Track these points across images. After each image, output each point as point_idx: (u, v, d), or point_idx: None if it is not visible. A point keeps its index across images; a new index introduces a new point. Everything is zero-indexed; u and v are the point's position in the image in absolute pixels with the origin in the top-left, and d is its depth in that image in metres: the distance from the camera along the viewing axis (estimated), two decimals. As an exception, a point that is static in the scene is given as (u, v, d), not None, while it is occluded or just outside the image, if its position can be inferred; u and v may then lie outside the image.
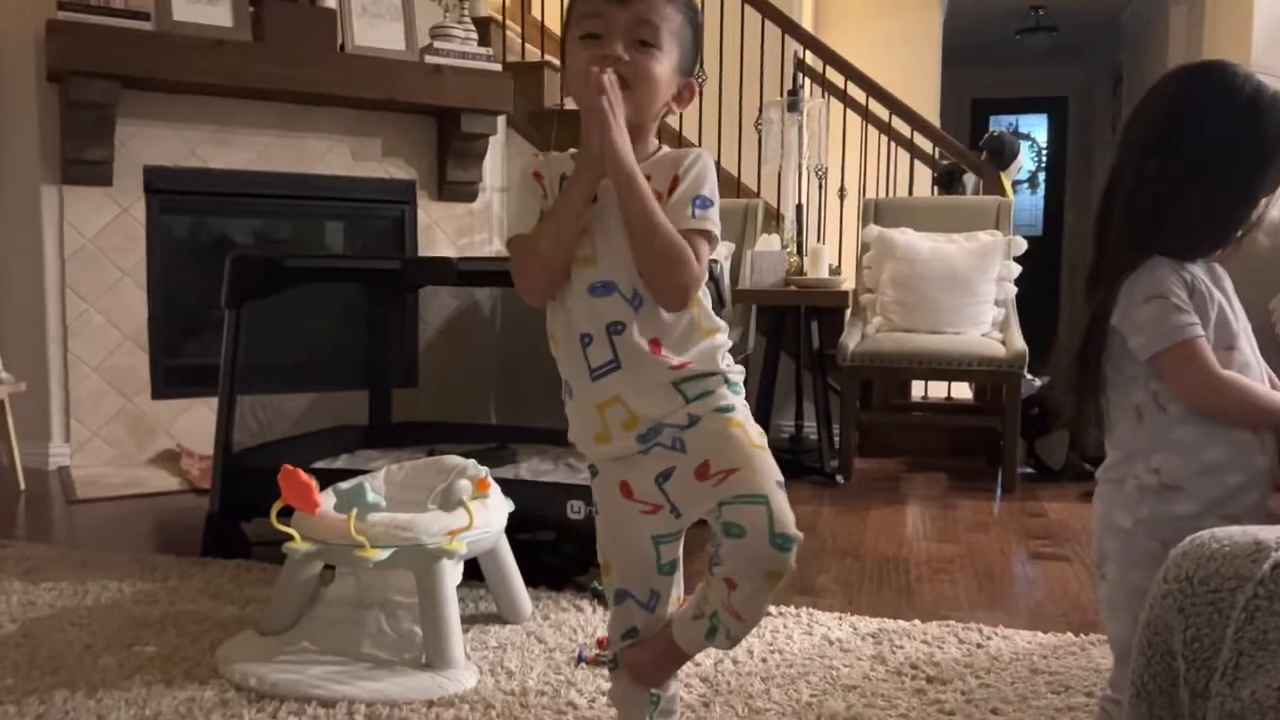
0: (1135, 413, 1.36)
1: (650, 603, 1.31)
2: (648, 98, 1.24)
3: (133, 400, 3.58)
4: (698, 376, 1.26)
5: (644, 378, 1.25)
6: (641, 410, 1.25)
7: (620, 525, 1.31)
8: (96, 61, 3.26)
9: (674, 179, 1.24)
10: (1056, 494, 3.35)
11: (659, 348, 1.24)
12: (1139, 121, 1.39)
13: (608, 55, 1.21)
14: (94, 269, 3.50)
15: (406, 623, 1.88)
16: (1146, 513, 1.33)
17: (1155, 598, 0.90)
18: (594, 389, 1.27)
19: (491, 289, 3.78)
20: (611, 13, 1.22)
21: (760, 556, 1.21)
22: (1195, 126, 1.33)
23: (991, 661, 1.89)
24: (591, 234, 1.26)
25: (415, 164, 4.05)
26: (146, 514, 3.00)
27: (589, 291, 1.25)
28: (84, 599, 2.18)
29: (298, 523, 1.86)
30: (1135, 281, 1.33)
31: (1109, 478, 1.40)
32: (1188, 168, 1.32)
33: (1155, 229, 1.33)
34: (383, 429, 3.00)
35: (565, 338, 1.28)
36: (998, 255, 3.67)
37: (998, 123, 9.22)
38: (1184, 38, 6.20)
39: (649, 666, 1.34)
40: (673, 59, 1.24)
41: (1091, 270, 1.41)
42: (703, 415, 1.26)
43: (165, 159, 3.59)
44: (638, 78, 1.22)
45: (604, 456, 1.31)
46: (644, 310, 1.24)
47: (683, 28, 1.25)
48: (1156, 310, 1.30)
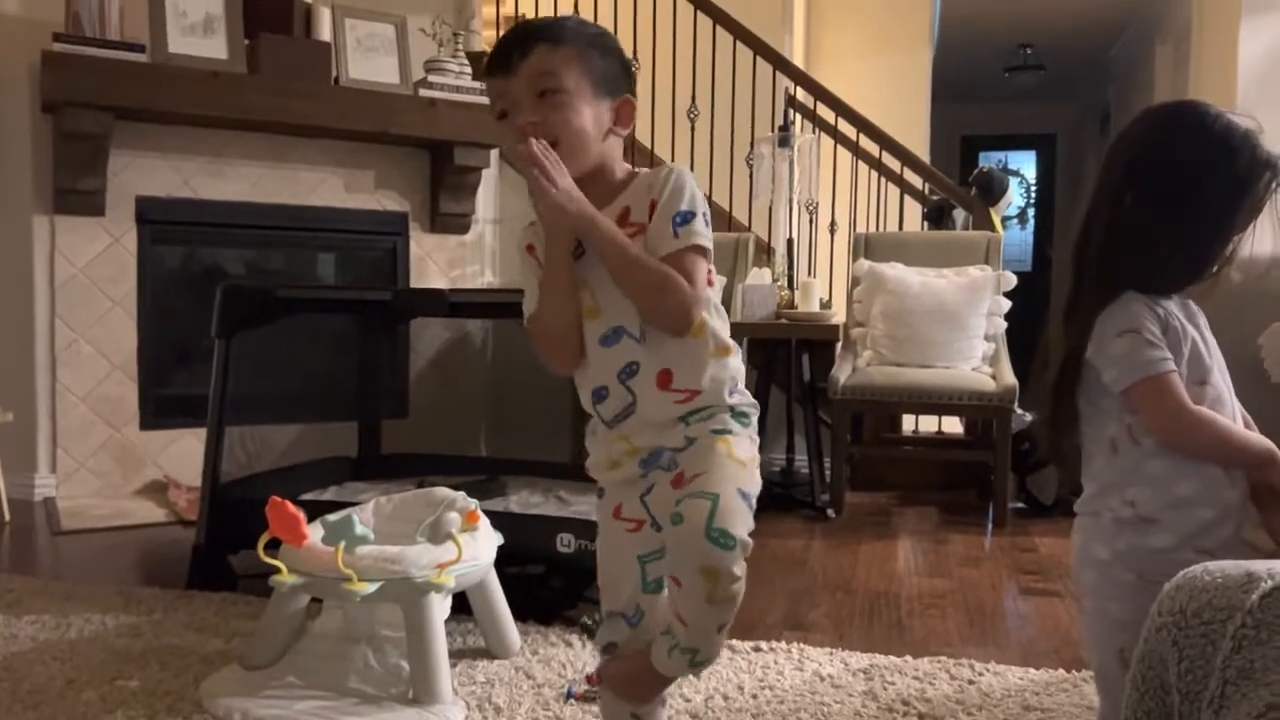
0: (1110, 445, 1.37)
1: (634, 618, 1.31)
2: (579, 144, 1.24)
3: (120, 431, 3.56)
4: (704, 409, 1.26)
5: (654, 415, 1.26)
6: (641, 442, 1.27)
7: (610, 544, 1.33)
8: (91, 93, 3.27)
9: (652, 205, 1.24)
10: (1048, 529, 3.35)
11: (669, 380, 1.24)
12: (1114, 158, 1.42)
13: (522, 127, 1.22)
14: (84, 299, 3.49)
15: (394, 657, 1.86)
16: (1123, 545, 1.34)
17: (1150, 631, 0.90)
18: (611, 434, 1.30)
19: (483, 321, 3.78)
20: (505, 86, 1.24)
21: (694, 547, 1.14)
22: (1168, 163, 1.35)
23: (983, 698, 1.88)
24: (589, 286, 1.26)
25: (408, 196, 4.07)
26: (132, 546, 2.97)
27: (600, 343, 1.26)
28: (67, 632, 2.15)
29: (285, 555, 1.84)
30: (1109, 316, 1.35)
31: (1086, 510, 1.41)
32: (1161, 203, 1.34)
33: (1130, 263, 1.35)
34: (372, 461, 2.99)
35: (583, 385, 1.30)
36: (988, 290, 3.69)
37: (987, 159, 9.31)
38: (1170, 76, 6.28)
39: (624, 681, 1.32)
40: (587, 90, 1.24)
41: (1068, 303, 1.43)
42: (698, 437, 1.26)
43: (158, 189, 3.59)
44: (556, 129, 1.23)
45: (612, 482, 1.32)
46: (651, 342, 1.24)
47: (583, 55, 1.24)
48: (1129, 344, 1.32)
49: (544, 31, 1.25)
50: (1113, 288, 1.36)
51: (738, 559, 1.15)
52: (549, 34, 1.24)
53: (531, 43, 1.23)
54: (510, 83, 1.24)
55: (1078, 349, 1.37)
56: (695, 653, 1.21)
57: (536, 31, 1.25)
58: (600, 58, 1.26)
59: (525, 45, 1.23)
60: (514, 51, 1.23)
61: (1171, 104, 1.45)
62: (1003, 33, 7.44)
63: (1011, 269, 3.85)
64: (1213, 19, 5.58)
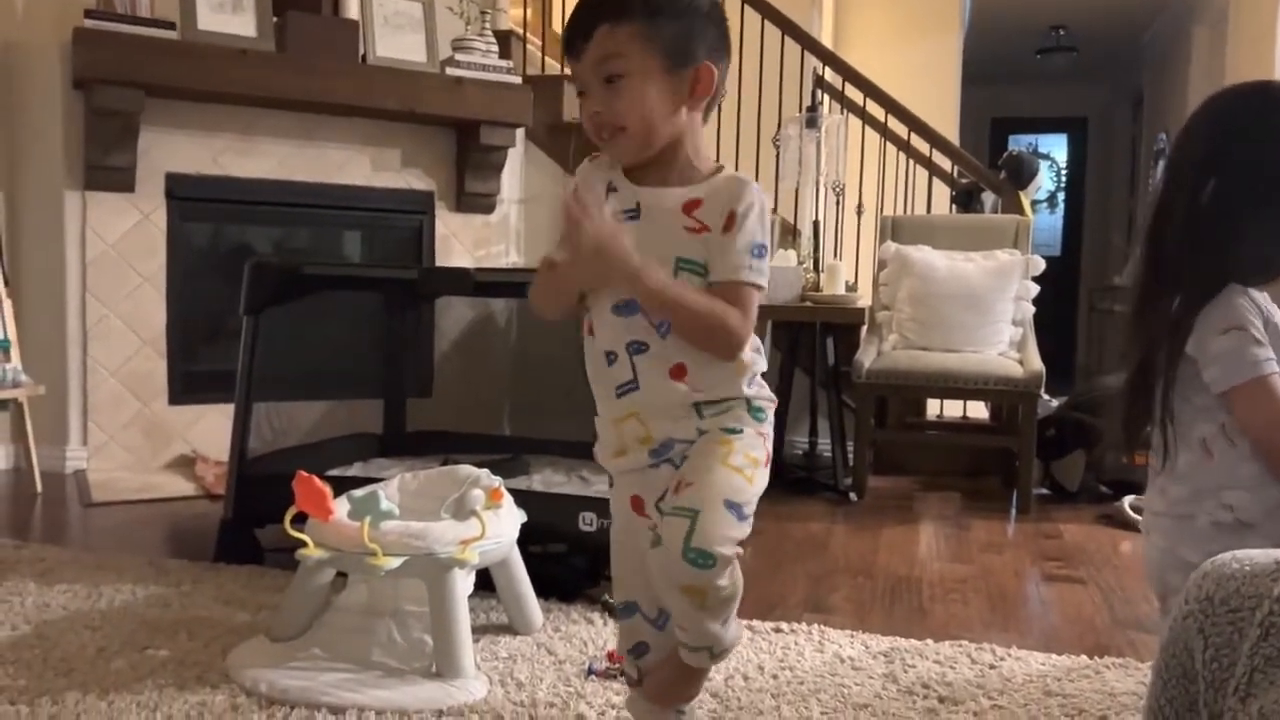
0: (1201, 446, 1.33)
1: (660, 621, 1.29)
2: (644, 129, 1.19)
3: (149, 405, 3.60)
4: (719, 400, 1.24)
5: (662, 401, 1.23)
6: (656, 430, 1.24)
7: (627, 536, 1.31)
8: (121, 70, 3.30)
9: (729, 216, 1.19)
10: (1072, 516, 3.33)
11: (683, 375, 1.22)
12: (1190, 142, 1.37)
13: (590, 116, 1.21)
14: (114, 274, 3.53)
15: (417, 631, 1.88)
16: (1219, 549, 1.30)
17: (1176, 619, 0.89)
18: (615, 405, 1.26)
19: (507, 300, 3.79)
20: (579, 70, 1.21)
21: (673, 569, 1.15)
22: (1251, 147, 1.30)
23: (1004, 683, 1.87)
24: None
25: (434, 175, 4.07)
26: (161, 519, 3.01)
27: (613, 310, 1.24)
28: (97, 602, 2.18)
29: (311, 530, 1.86)
30: (1212, 310, 1.31)
31: (1175, 512, 1.36)
32: (1247, 190, 1.30)
33: (1224, 255, 1.31)
34: (397, 438, 3.00)
35: (592, 355, 1.28)
36: (1015, 275, 3.65)
37: (1017, 142, 9.21)
38: (1206, 59, 6.18)
39: (666, 689, 1.32)
40: (655, 67, 1.18)
41: (1143, 294, 1.38)
42: (708, 431, 1.24)
43: (187, 166, 3.62)
44: (620, 117, 1.19)
45: (620, 470, 1.30)
46: (672, 337, 1.21)
47: (650, 28, 1.17)
48: (1235, 342, 1.28)
49: (604, 8, 1.18)
50: (1209, 280, 1.31)
51: (720, 573, 1.15)
52: (610, 11, 1.18)
53: (592, 23, 1.18)
54: (578, 67, 1.21)
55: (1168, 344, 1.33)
56: (709, 649, 1.22)
57: (597, 9, 1.19)
58: (672, 23, 1.18)
59: (587, 27, 1.18)
60: (577, 35, 1.19)
61: (1249, 85, 1.39)
62: (1035, 14, 7.34)
63: (1040, 253, 3.81)
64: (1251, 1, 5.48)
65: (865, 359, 3.53)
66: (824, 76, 4.36)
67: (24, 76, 3.49)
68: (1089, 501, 3.50)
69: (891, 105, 4.20)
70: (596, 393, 1.29)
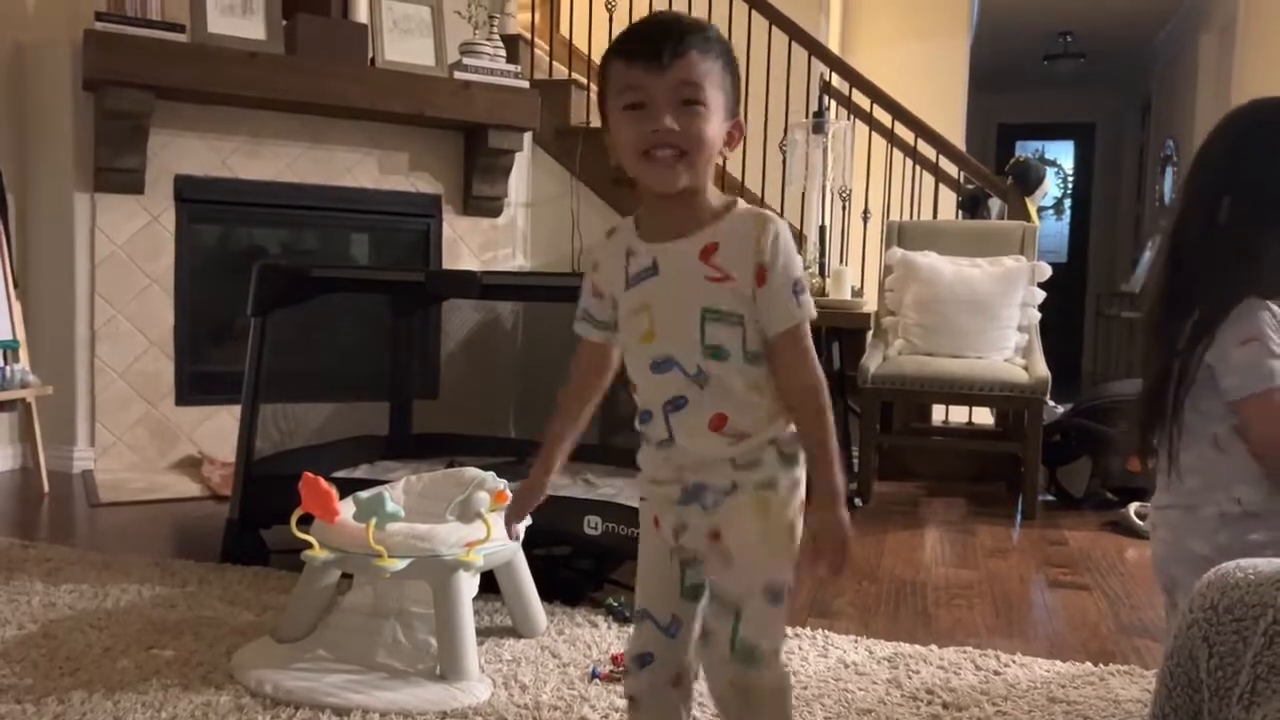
0: (1211, 442, 1.36)
1: (671, 628, 1.29)
2: (704, 159, 1.19)
3: (157, 406, 3.62)
4: (754, 451, 1.22)
5: (697, 455, 1.23)
6: (692, 476, 1.24)
7: (649, 546, 1.31)
8: (131, 72, 3.31)
9: (760, 270, 1.19)
10: (1077, 522, 3.32)
11: (723, 424, 1.21)
12: (1208, 160, 1.39)
13: (658, 130, 1.16)
14: (123, 275, 3.54)
15: (422, 633, 1.88)
16: (1225, 540, 1.33)
17: (1181, 628, 0.89)
18: (657, 454, 1.27)
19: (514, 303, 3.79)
20: (651, 82, 1.16)
21: (722, 668, 1.21)
22: (1268, 166, 1.33)
23: (1009, 689, 1.87)
24: (650, 310, 1.23)
25: (442, 178, 4.08)
26: (167, 519, 3.02)
27: (651, 369, 1.23)
28: (104, 601, 2.19)
29: (317, 531, 1.87)
30: (1233, 322, 1.33)
31: (1183, 503, 1.39)
32: (1261, 206, 1.32)
33: (1241, 269, 1.33)
34: (403, 440, 3.01)
35: (638, 407, 1.28)
36: (1021, 280, 3.65)
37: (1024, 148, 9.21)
38: (1214, 66, 6.18)
39: None
40: (719, 110, 1.19)
41: (1166, 305, 1.40)
42: (741, 485, 1.23)
43: (196, 168, 3.63)
44: (692, 143, 1.17)
45: (651, 494, 1.30)
46: (710, 388, 1.21)
47: (723, 74, 1.19)
48: (1253, 353, 1.31)
49: (697, 37, 1.17)
50: (1228, 294, 1.34)
51: (766, 667, 1.20)
52: (701, 41, 1.17)
53: (686, 45, 1.16)
54: (652, 79, 1.16)
55: (1187, 352, 1.35)
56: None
57: (690, 34, 1.17)
58: (731, 75, 1.21)
59: (680, 46, 1.16)
60: (666, 49, 1.16)
61: (1264, 102, 1.41)
62: (1043, 20, 7.34)
63: (1047, 260, 3.81)
64: (1259, 8, 5.48)
65: (871, 364, 3.53)
66: (831, 82, 4.36)
67: (34, 78, 3.51)
68: (1094, 508, 3.49)
69: (898, 111, 4.20)
70: (643, 435, 1.30)
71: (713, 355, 1.20)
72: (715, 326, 1.20)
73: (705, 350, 1.20)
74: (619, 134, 1.20)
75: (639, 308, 1.24)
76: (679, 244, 1.22)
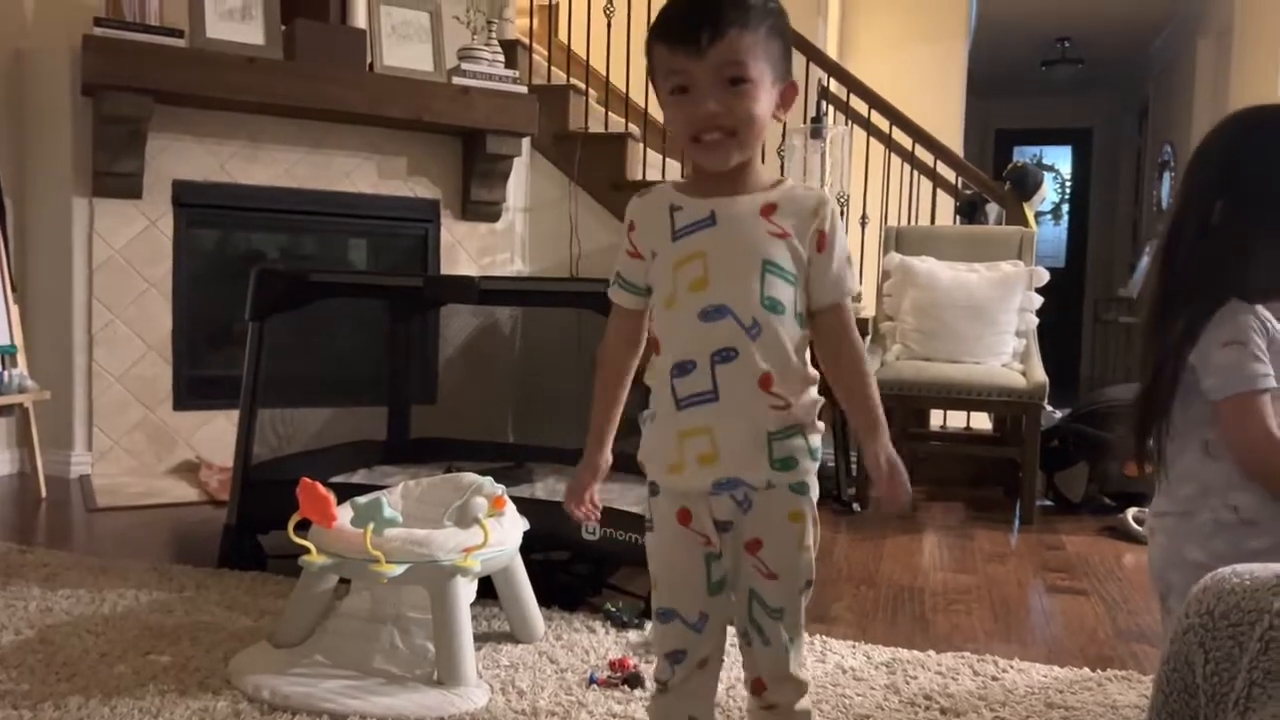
0: (1203, 448, 1.36)
1: (699, 624, 1.29)
2: (754, 135, 1.20)
3: (154, 411, 3.62)
4: (789, 433, 1.22)
5: (742, 416, 1.21)
6: (725, 453, 1.22)
7: (673, 546, 1.28)
8: (130, 76, 3.31)
9: (820, 236, 1.22)
10: (1075, 527, 3.32)
11: (770, 384, 1.20)
12: (1203, 163, 1.40)
13: (704, 115, 1.17)
14: (121, 280, 3.54)
15: (419, 639, 1.88)
16: (1222, 547, 1.32)
17: (1177, 634, 0.89)
18: (678, 417, 1.23)
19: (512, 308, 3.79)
20: (692, 66, 1.16)
21: (780, 667, 1.29)
22: (1262, 170, 1.33)
23: (1006, 695, 1.87)
24: (705, 258, 1.21)
25: (440, 183, 4.09)
26: (165, 524, 3.02)
27: (700, 317, 1.21)
28: (101, 607, 2.19)
29: (314, 536, 1.86)
30: (1218, 324, 1.34)
31: (1179, 510, 1.39)
32: (1255, 211, 1.32)
33: (1231, 271, 1.34)
34: (401, 445, 3.01)
35: (659, 368, 1.26)
36: (1019, 286, 3.66)
37: (1021, 153, 9.23)
38: (1211, 71, 6.19)
39: None
40: (767, 80, 1.18)
41: (1159, 307, 1.41)
42: (778, 486, 1.24)
43: (194, 173, 3.63)
44: (740, 122, 1.18)
45: (671, 486, 1.27)
46: (762, 340, 1.20)
47: (768, 42, 1.18)
48: (1235, 356, 1.31)
49: (736, 13, 1.16)
50: (1216, 296, 1.35)
51: (801, 651, 1.31)
52: (741, 16, 1.16)
53: (725, 24, 1.15)
54: (693, 63, 1.16)
55: (1176, 355, 1.36)
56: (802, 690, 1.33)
57: (729, 12, 1.16)
58: (778, 38, 1.20)
59: (717, 26, 1.15)
60: (704, 31, 1.15)
61: (1262, 108, 1.42)
62: (1040, 25, 7.36)
63: (1044, 265, 3.81)
64: (1256, 14, 5.49)
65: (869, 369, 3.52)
66: (829, 87, 4.37)
67: (33, 83, 3.51)
68: (1092, 513, 3.49)
69: (896, 116, 4.21)
70: (656, 403, 1.27)
71: (771, 308, 1.21)
72: (775, 280, 1.21)
73: (764, 301, 1.20)
74: (668, 116, 1.22)
75: (690, 256, 1.22)
76: (738, 199, 1.23)
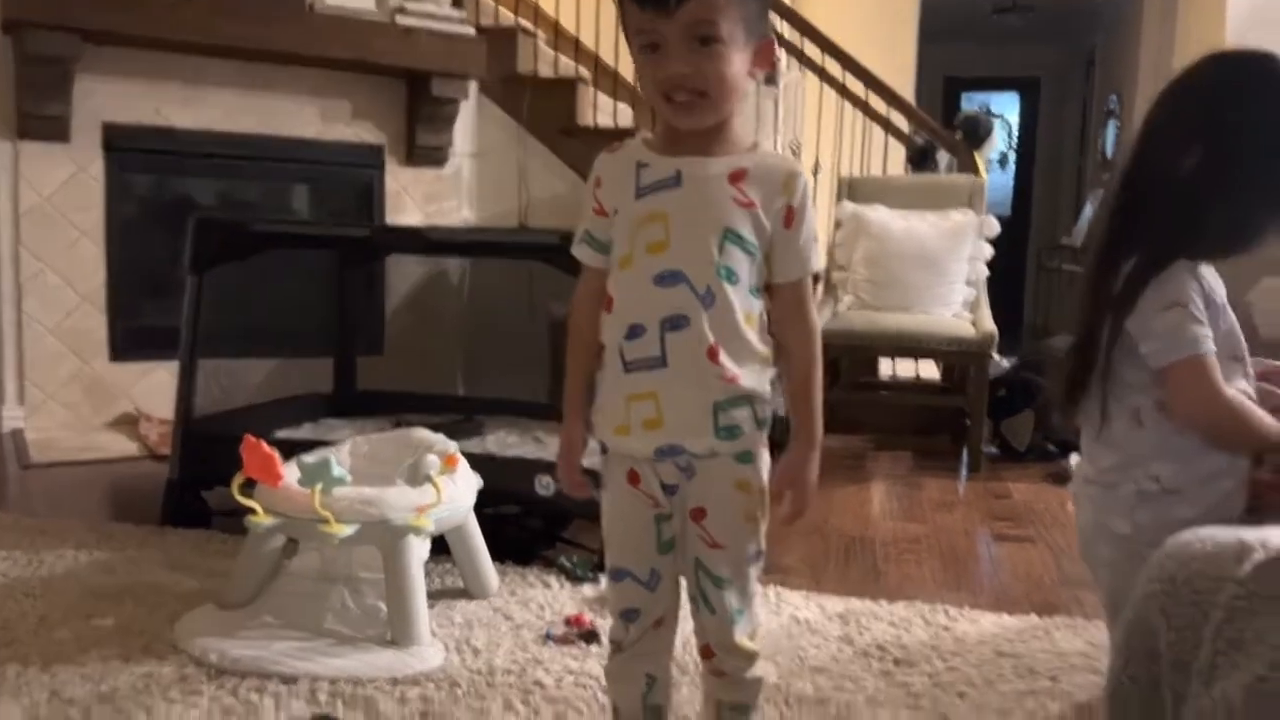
0: (1133, 416, 1.32)
1: (651, 582, 1.29)
2: (726, 95, 1.17)
3: (90, 363, 3.50)
4: (736, 403, 1.20)
5: (690, 384, 1.19)
6: (670, 420, 1.20)
7: (623, 505, 1.28)
8: (55, 13, 3.15)
9: (788, 211, 1.20)
10: (1021, 475, 3.38)
11: (718, 353, 1.18)
12: (1178, 104, 1.31)
13: (672, 78, 1.14)
14: (50, 228, 3.40)
15: (371, 598, 1.86)
16: (1145, 518, 1.30)
17: (1138, 599, 0.89)
18: (626, 380, 1.21)
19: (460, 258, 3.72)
20: (662, 25, 1.13)
21: (727, 635, 1.28)
22: (1248, 124, 1.25)
23: (957, 644, 1.90)
24: (667, 220, 1.19)
25: (384, 128, 3.97)
26: (104, 480, 2.94)
27: (655, 281, 1.19)
28: (38, 569, 2.12)
29: (261, 495, 1.82)
30: (1158, 286, 1.28)
31: (1102, 480, 1.36)
32: (1238, 165, 1.26)
33: (1187, 230, 1.28)
34: (348, 397, 2.96)
35: (610, 326, 1.23)
36: (970, 235, 3.67)
37: (970, 101, 9.24)
38: (1158, 20, 6.22)
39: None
40: (740, 37, 1.15)
41: (1101, 260, 1.35)
42: (722, 455, 1.22)
43: (126, 116, 3.48)
44: (710, 83, 1.15)
45: (617, 448, 1.26)
46: (714, 310, 1.18)
47: (742, 1, 1.15)
48: (1176, 319, 1.26)
49: None
50: (1165, 251, 1.29)
51: (753, 619, 1.31)
52: None
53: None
54: (662, 22, 1.13)
55: (1114, 311, 1.31)
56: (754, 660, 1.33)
57: None
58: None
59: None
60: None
61: (1244, 53, 1.33)
62: (992, -29, 7.32)
63: (991, 213, 3.83)
64: (1204, -37, 5.51)
65: (820, 319, 3.52)
66: (782, 33, 4.31)
67: (-51, 18, 3.32)
68: (1037, 460, 3.55)
69: (849, 63, 4.17)
70: (608, 361, 1.25)
71: (726, 277, 1.18)
72: (733, 249, 1.19)
73: (719, 270, 1.18)
74: (639, 74, 1.19)
75: (652, 216, 1.20)
76: (708, 161, 1.20)
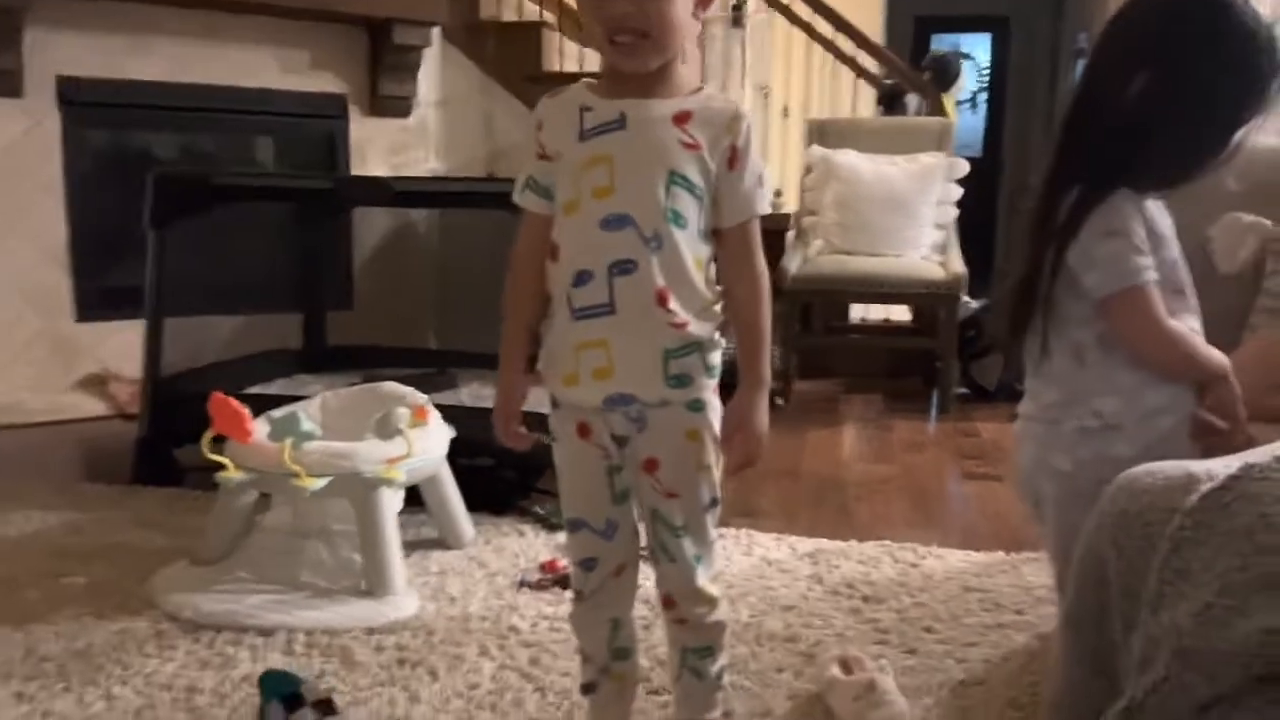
0: (1073, 351, 1.31)
1: (608, 532, 1.29)
2: (670, 37, 1.15)
3: (54, 322, 3.45)
4: (687, 350, 1.19)
5: (639, 331, 1.18)
6: (620, 368, 1.19)
7: (575, 458, 1.28)
8: (0, -38, 3.06)
9: (732, 151, 1.18)
10: (990, 415, 3.42)
11: (668, 298, 1.17)
12: (1125, 31, 1.30)
13: (615, 16, 1.11)
14: (6, 185, 3.33)
15: (346, 550, 1.86)
16: (1087, 454, 1.29)
17: (1090, 531, 0.91)
18: (575, 328, 1.20)
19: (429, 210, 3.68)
20: None
21: (688, 584, 1.28)
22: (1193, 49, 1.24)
23: (925, 580, 1.94)
24: (612, 163, 1.16)
25: (346, 78, 3.90)
26: (72, 440, 2.92)
27: (601, 225, 1.17)
28: (6, 530, 2.12)
29: (231, 451, 1.81)
30: (1099, 215, 1.26)
31: (1045, 417, 1.35)
32: (1182, 91, 1.24)
33: (1129, 158, 1.26)
34: (318, 353, 2.94)
35: (556, 275, 1.21)
36: (938, 177, 3.67)
37: (940, 41, 9.17)
38: (1127, -43, 6.18)
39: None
40: None
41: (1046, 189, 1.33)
42: (673, 404, 1.21)
43: (80, 69, 3.40)
44: (653, 24, 1.12)
45: (566, 399, 1.25)
46: (662, 254, 1.16)
47: None
48: (1116, 248, 1.25)
49: None
50: (1105, 184, 1.27)
51: (713, 566, 1.30)
52: None
53: None
54: None
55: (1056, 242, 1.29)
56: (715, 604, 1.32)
57: None
58: None
59: None
60: None
61: None
62: (961, -92, 7.23)
63: (962, 154, 3.83)
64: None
65: (791, 265, 3.54)
66: (749, -27, 4.25)
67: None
68: (1006, 400, 3.58)
69: (816, 3, 4.12)
70: (555, 309, 1.23)
71: (673, 221, 1.17)
72: (680, 192, 1.17)
73: (666, 213, 1.16)
74: (583, 14, 1.16)
75: (596, 159, 1.18)
76: (652, 103, 1.18)
